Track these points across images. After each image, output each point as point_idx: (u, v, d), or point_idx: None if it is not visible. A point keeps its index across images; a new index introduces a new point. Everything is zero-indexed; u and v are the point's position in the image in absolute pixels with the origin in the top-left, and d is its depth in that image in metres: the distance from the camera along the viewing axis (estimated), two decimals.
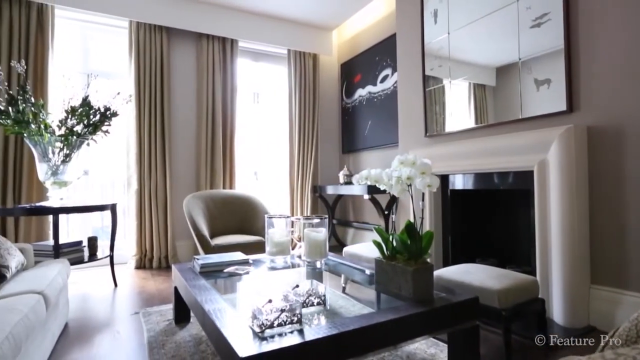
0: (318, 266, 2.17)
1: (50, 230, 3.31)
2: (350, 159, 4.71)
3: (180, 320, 2.18)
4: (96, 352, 1.85)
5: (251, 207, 3.52)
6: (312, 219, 2.24)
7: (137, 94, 3.64)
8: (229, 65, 4.11)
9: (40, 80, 3.28)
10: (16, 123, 2.51)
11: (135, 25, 3.66)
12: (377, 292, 1.68)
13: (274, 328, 1.20)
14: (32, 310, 1.40)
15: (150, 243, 3.65)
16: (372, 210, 4.25)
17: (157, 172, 3.68)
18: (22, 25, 3.20)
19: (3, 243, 1.81)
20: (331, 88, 4.91)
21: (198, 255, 2.16)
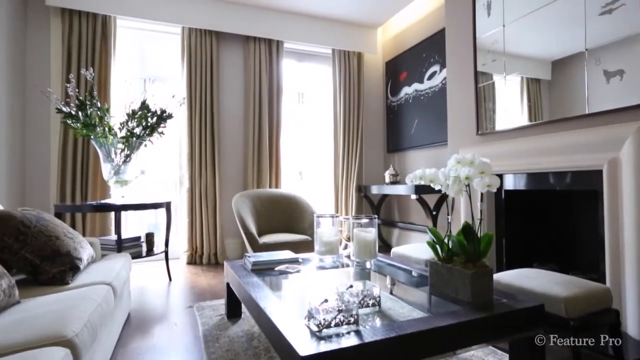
0: (367, 266, 2.14)
1: (111, 226, 3.54)
2: (395, 158, 4.63)
3: (232, 316, 2.25)
4: (156, 342, 1.95)
5: (297, 206, 3.56)
6: (361, 219, 2.22)
7: (189, 96, 3.80)
8: (274, 66, 4.18)
9: (103, 85, 3.51)
10: (85, 126, 2.71)
11: (187, 31, 3.83)
12: (429, 294, 1.63)
13: (331, 328, 1.20)
14: (104, 300, 1.50)
15: (200, 240, 3.80)
16: (418, 210, 4.15)
17: (207, 172, 3.82)
18: (89, 35, 3.45)
19: (76, 237, 1.96)
20: (376, 87, 4.85)
21: (249, 253, 2.22)
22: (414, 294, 1.70)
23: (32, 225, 1.77)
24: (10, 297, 1.37)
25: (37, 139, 3.42)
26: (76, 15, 3.42)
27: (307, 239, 3.15)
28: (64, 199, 3.36)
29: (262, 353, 1.79)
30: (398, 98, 4.50)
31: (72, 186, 3.39)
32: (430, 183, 1.69)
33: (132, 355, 1.80)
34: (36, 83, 3.40)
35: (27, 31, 3.39)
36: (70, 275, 1.76)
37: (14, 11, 3.11)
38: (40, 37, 3.43)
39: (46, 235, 1.79)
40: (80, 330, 1.17)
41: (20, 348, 1.05)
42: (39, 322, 1.18)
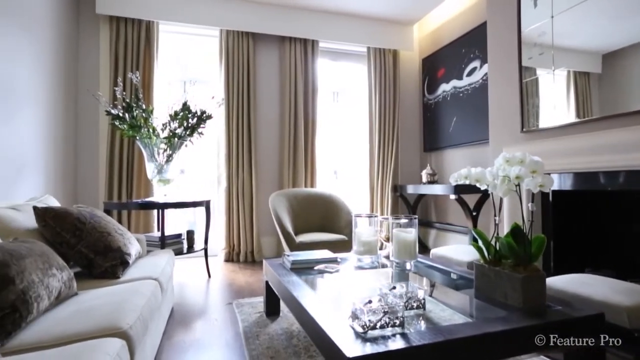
0: (408, 267, 2.10)
1: (154, 223, 3.69)
2: (432, 157, 4.52)
3: (271, 313, 2.27)
4: (199, 337, 2.00)
5: (333, 205, 3.56)
6: (400, 219, 2.18)
7: (226, 97, 3.88)
8: (310, 65, 4.19)
9: (147, 88, 3.66)
10: (131, 127, 2.83)
11: (225, 33, 3.91)
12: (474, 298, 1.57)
13: (376, 330, 1.18)
14: (152, 295, 1.56)
15: (237, 238, 3.88)
16: (457, 211, 4.02)
17: (244, 171, 3.89)
18: (134, 41, 3.61)
19: (125, 233, 2.05)
20: (412, 84, 4.75)
21: (288, 252, 2.23)
22: (455, 297, 1.65)
23: (87, 221, 1.87)
24: (70, 289, 1.45)
25: (88, 140, 3.62)
26: (122, 22, 3.59)
27: (343, 238, 3.14)
28: (112, 196, 3.54)
29: (301, 352, 1.80)
30: (435, 95, 4.38)
31: (119, 185, 3.56)
32: (476, 183, 1.63)
33: (177, 348, 1.86)
34: (87, 87, 3.60)
35: (79, 38, 3.59)
36: (120, 270, 1.84)
37: (68, 20, 3.31)
38: (90, 43, 3.63)
39: (99, 231, 1.88)
40: (134, 322, 1.22)
41: (81, 338, 1.11)
42: (96, 314, 1.24)
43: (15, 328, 1.11)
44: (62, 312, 1.29)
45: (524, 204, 2.42)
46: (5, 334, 1.08)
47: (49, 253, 1.43)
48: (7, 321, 1.09)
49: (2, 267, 1.13)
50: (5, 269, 1.14)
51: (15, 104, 2.41)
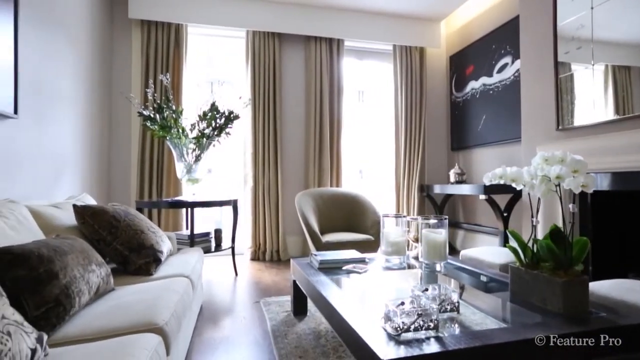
0: (438, 269, 2.06)
1: (182, 222, 3.77)
2: (460, 156, 4.41)
3: (298, 313, 2.28)
4: (228, 334, 2.03)
5: (359, 205, 3.53)
6: (430, 219, 2.14)
7: (253, 97, 3.92)
8: (335, 65, 4.18)
9: (176, 89, 3.75)
10: (161, 128, 2.90)
11: (251, 34, 3.96)
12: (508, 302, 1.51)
13: (410, 332, 1.15)
14: (184, 292, 1.59)
15: (263, 237, 3.91)
16: (487, 211, 3.91)
17: (270, 170, 3.92)
18: (164, 43, 3.70)
19: (157, 231, 2.10)
20: (439, 82, 4.66)
21: (315, 252, 2.23)
22: (486, 300, 1.60)
23: (122, 219, 1.93)
24: (107, 284, 1.50)
25: (120, 140, 3.75)
26: (153, 26, 3.69)
27: (369, 238, 3.11)
28: (143, 195, 3.64)
29: (330, 352, 1.79)
30: (463, 93, 4.28)
31: (149, 184, 3.66)
32: (512, 183, 1.57)
33: (208, 345, 1.89)
34: (120, 90, 3.72)
35: (113, 43, 3.72)
36: (154, 267, 1.89)
37: (103, 26, 3.43)
38: (123, 47, 3.75)
39: (133, 229, 1.94)
40: (169, 319, 1.25)
41: (120, 332, 1.14)
42: (133, 310, 1.28)
43: (59, 321, 1.15)
44: (101, 307, 1.34)
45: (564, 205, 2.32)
46: (50, 326, 1.12)
47: (88, 250, 1.48)
48: (52, 314, 1.13)
49: (47, 263, 1.17)
50: (50, 264, 1.18)
51: (58, 106, 2.52)
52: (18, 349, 0.80)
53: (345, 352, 1.79)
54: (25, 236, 1.43)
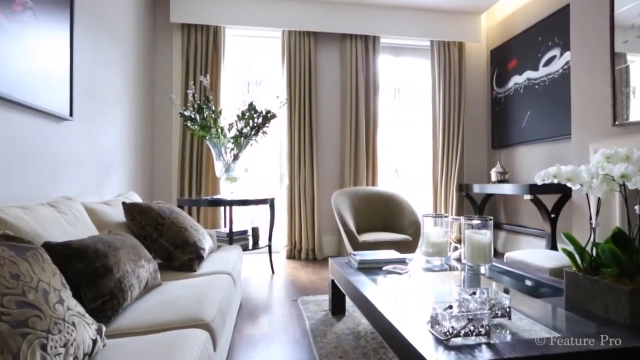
0: (482, 272, 1.98)
1: (220, 219, 3.86)
2: (501, 155, 4.23)
3: (337, 313, 2.26)
4: (268, 331, 2.05)
5: (396, 204, 3.47)
6: (473, 220, 2.06)
7: (289, 96, 3.95)
8: (371, 62, 4.13)
9: (214, 90, 3.84)
10: (202, 128, 2.98)
11: (287, 34, 3.98)
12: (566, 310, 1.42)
13: (459, 337, 1.11)
14: (227, 289, 1.61)
15: (299, 235, 3.93)
16: (531, 212, 3.73)
17: (306, 169, 3.93)
18: (202, 46, 3.81)
19: (199, 229, 2.15)
20: (479, 78, 4.49)
21: (354, 251, 2.21)
22: (534, 306, 1.50)
23: (167, 216, 2.00)
24: (155, 279, 1.55)
25: (162, 140, 3.89)
26: (193, 29, 3.79)
27: (407, 238, 3.05)
28: (183, 193, 3.76)
29: (370, 353, 1.76)
30: (506, 89, 4.09)
31: (189, 182, 3.78)
32: (567, 182, 1.47)
33: (248, 342, 1.92)
34: (162, 91, 3.86)
35: (155, 46, 3.87)
36: (197, 264, 1.94)
37: (146, 30, 3.57)
38: (165, 50, 3.89)
39: (177, 226, 2.00)
40: (215, 315, 1.27)
41: (169, 327, 1.17)
42: (180, 305, 1.31)
43: (113, 313, 1.20)
44: (150, 301, 1.38)
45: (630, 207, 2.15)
46: (105, 318, 1.17)
47: (137, 246, 1.54)
48: (108, 307, 1.18)
49: (103, 257, 1.23)
50: (104, 259, 1.24)
51: (106, 108, 2.65)
52: (82, 339, 0.83)
53: (386, 354, 1.76)
54: (82, 231, 1.51)
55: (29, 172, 1.76)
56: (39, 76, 1.78)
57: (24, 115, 1.73)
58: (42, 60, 1.80)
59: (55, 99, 1.92)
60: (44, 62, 1.82)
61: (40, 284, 0.80)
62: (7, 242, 0.85)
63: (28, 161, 1.76)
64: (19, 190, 1.68)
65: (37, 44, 1.77)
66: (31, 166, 1.78)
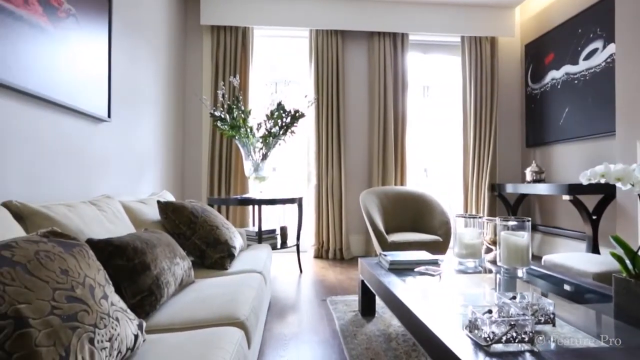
0: (519, 275, 1.90)
1: (249, 218, 3.91)
2: (536, 153, 4.07)
3: (366, 314, 2.24)
4: (297, 331, 2.05)
5: (425, 204, 3.40)
6: (509, 221, 1.99)
7: (316, 95, 3.94)
8: (399, 60, 4.07)
9: (243, 90, 3.89)
10: (231, 128, 3.02)
11: (315, 33, 3.98)
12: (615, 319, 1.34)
13: (500, 344, 1.06)
14: (259, 287, 1.63)
15: (326, 235, 3.93)
16: (569, 213, 3.56)
17: (333, 168, 3.92)
18: (231, 47, 3.86)
19: (230, 227, 2.18)
20: (512, 74, 4.33)
21: (385, 252, 2.17)
22: (579, 313, 1.43)
23: (199, 215, 2.03)
24: (189, 277, 1.58)
25: (192, 140, 3.98)
26: (222, 30, 3.86)
27: (437, 239, 2.98)
28: (212, 192, 3.83)
29: (402, 356, 1.73)
30: (542, 84, 3.93)
31: (218, 181, 3.85)
32: (616, 182, 1.39)
33: (279, 341, 1.92)
34: (192, 92, 3.95)
35: (186, 48, 3.96)
36: (228, 262, 1.97)
37: (178, 32, 3.66)
38: (195, 52, 3.98)
39: (209, 224, 2.03)
40: (249, 314, 1.28)
41: (205, 324, 1.19)
42: (214, 303, 1.33)
43: (151, 309, 1.23)
44: (185, 298, 1.41)
45: None
46: (144, 314, 1.20)
47: (173, 243, 1.57)
48: (146, 303, 1.21)
49: (141, 254, 1.26)
50: (143, 256, 1.27)
51: (140, 109, 2.73)
52: (125, 334, 0.86)
53: (418, 357, 1.72)
54: (121, 229, 1.56)
55: (71, 171, 1.84)
56: (80, 79, 1.86)
57: (67, 116, 1.81)
58: (83, 64, 1.88)
59: (95, 100, 2.00)
60: (85, 65, 1.90)
61: (86, 279, 0.83)
62: (55, 239, 0.89)
63: (70, 160, 1.84)
64: (62, 188, 1.76)
65: (79, 48, 1.84)
66: (73, 165, 1.86)
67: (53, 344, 0.65)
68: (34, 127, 1.57)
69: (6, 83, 1.37)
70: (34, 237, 0.84)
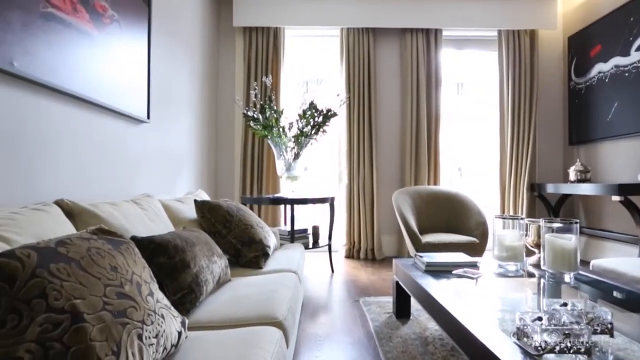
0: (566, 280, 1.80)
1: (280, 218, 3.94)
2: (580, 151, 3.85)
3: (401, 315, 2.19)
4: (331, 332, 2.03)
5: (460, 204, 3.29)
6: (554, 222, 1.89)
7: (347, 94, 3.91)
8: (432, 57, 3.96)
9: (275, 90, 3.92)
10: (264, 127, 3.05)
11: (346, 31, 3.95)
12: None
13: (553, 353, 1.00)
14: (294, 287, 1.62)
15: (358, 235, 3.89)
16: (618, 215, 3.35)
17: (365, 168, 3.88)
18: (263, 47, 3.90)
19: (264, 227, 2.20)
20: (554, 68, 4.12)
21: (420, 253, 2.12)
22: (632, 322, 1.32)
23: (235, 214, 2.06)
24: (226, 275, 1.60)
25: (225, 140, 4.05)
26: (254, 32, 3.90)
27: (474, 241, 2.88)
28: (245, 191, 3.89)
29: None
30: (587, 78, 3.71)
31: (250, 181, 3.90)
32: None
33: (313, 341, 1.92)
34: (225, 93, 4.03)
35: (219, 49, 4.04)
36: (263, 261, 1.98)
37: (211, 35, 3.74)
38: (227, 53, 4.05)
39: (244, 223, 2.06)
40: (287, 314, 1.27)
41: (244, 323, 1.19)
42: (252, 301, 1.33)
43: (191, 307, 1.25)
44: (222, 296, 1.42)
45: None
46: (185, 311, 1.23)
47: (210, 242, 1.59)
48: (186, 300, 1.23)
49: (181, 252, 1.28)
50: (183, 254, 1.29)
51: (177, 110, 2.81)
52: (170, 331, 0.87)
53: None
54: (161, 227, 1.60)
55: (113, 170, 1.91)
56: (123, 82, 1.92)
57: (110, 118, 1.88)
58: (125, 67, 1.94)
59: (136, 102, 2.07)
60: (127, 68, 1.96)
61: (134, 276, 0.85)
62: (104, 236, 0.91)
63: (113, 160, 1.91)
64: (105, 186, 1.83)
65: (121, 52, 1.91)
66: (116, 165, 1.93)
67: (105, 339, 0.66)
68: (81, 128, 1.64)
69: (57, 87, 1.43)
70: (85, 234, 0.87)
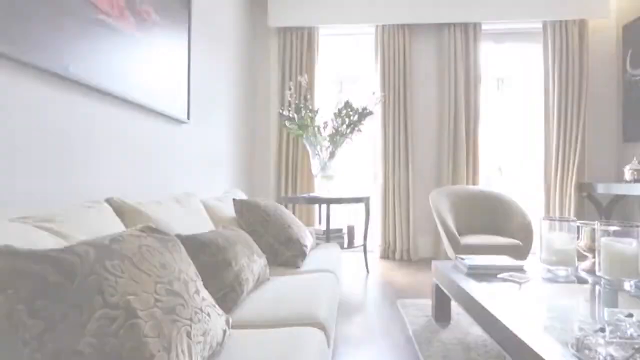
0: (626, 288, 1.66)
1: (315, 217, 3.94)
2: (637, 148, 3.58)
3: (441, 319, 2.12)
4: (369, 334, 2.00)
5: (502, 205, 3.15)
6: (611, 226, 1.75)
7: (382, 92, 3.85)
8: (471, 52, 3.82)
9: (310, 89, 3.92)
10: (299, 127, 3.06)
11: (380, 29, 3.89)
12: None
13: None
14: (332, 287, 1.60)
15: (393, 235, 3.82)
16: None
17: (400, 167, 3.80)
18: (297, 47, 3.92)
19: (301, 226, 2.20)
20: (606, 60, 3.85)
21: (462, 255, 2.04)
22: None
23: (272, 213, 2.07)
24: (265, 274, 1.61)
25: (261, 140, 4.10)
26: (288, 32, 3.93)
27: (517, 243, 2.74)
28: (280, 191, 3.92)
29: None
30: None
31: (285, 180, 3.92)
32: None
33: (350, 343, 1.89)
34: (260, 93, 4.08)
35: (255, 50, 4.09)
36: (300, 260, 1.98)
37: (247, 35, 3.80)
38: (262, 53, 4.10)
39: (281, 223, 2.06)
40: (327, 315, 1.26)
41: (285, 323, 1.19)
42: (292, 301, 1.33)
43: (233, 305, 1.26)
44: (262, 295, 1.43)
45: None
46: (227, 310, 1.24)
47: (249, 241, 1.61)
48: (228, 298, 1.24)
49: (223, 251, 1.30)
50: (225, 252, 1.31)
51: (214, 110, 2.87)
52: (215, 329, 0.87)
53: None
54: (202, 225, 1.63)
55: (156, 169, 1.97)
56: (165, 84, 1.98)
57: (152, 119, 1.94)
58: (166, 69, 2.00)
59: (177, 103, 2.12)
60: (168, 70, 2.02)
61: (181, 274, 0.86)
62: (152, 234, 0.93)
63: (155, 159, 1.97)
64: (148, 184, 1.89)
65: (163, 54, 1.96)
66: (158, 164, 1.99)
67: (157, 336, 0.67)
68: (126, 129, 1.71)
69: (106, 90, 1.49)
70: (135, 232, 0.89)
